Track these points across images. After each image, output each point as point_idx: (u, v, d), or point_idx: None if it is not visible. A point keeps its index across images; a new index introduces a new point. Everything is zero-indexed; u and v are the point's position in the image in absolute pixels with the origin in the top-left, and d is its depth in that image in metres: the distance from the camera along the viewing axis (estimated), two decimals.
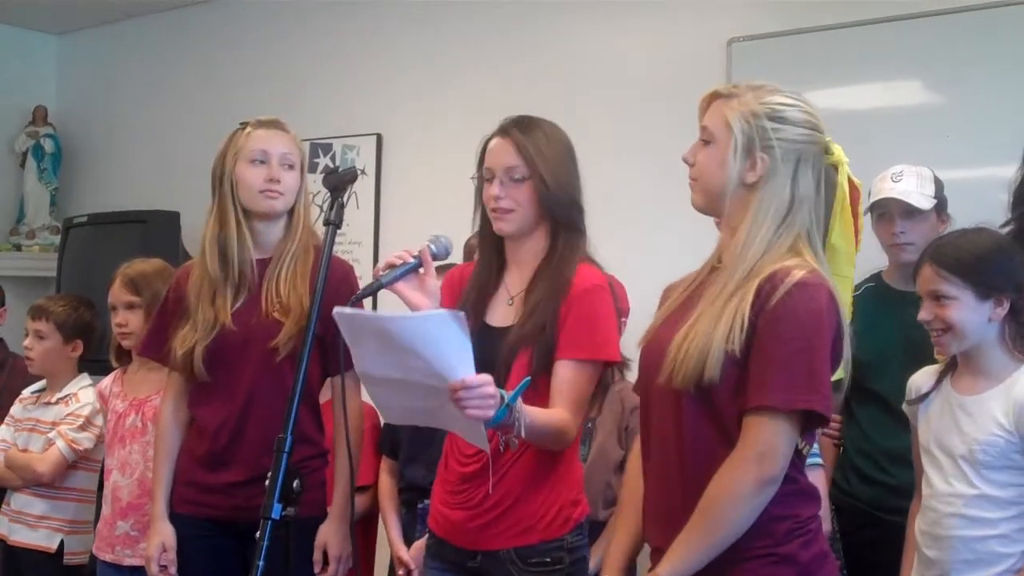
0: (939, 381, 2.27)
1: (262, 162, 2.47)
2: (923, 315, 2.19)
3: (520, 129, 2.19)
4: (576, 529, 2.18)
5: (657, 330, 1.89)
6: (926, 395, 2.28)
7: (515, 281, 2.23)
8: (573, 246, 2.19)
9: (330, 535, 2.42)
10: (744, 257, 1.77)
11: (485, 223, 2.23)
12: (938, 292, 2.16)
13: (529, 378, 1.91)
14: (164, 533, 2.50)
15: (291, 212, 2.52)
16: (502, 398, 1.82)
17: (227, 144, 2.53)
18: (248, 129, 2.52)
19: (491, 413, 1.80)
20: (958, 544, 2.14)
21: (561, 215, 2.18)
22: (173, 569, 2.48)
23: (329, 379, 2.54)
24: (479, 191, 2.24)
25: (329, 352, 2.36)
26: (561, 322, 2.11)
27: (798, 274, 1.72)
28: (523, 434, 1.89)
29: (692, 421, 1.77)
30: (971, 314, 2.15)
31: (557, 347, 2.10)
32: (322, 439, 2.55)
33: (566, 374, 2.09)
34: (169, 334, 2.54)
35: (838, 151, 1.87)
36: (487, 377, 1.80)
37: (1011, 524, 2.12)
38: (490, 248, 2.25)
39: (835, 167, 1.86)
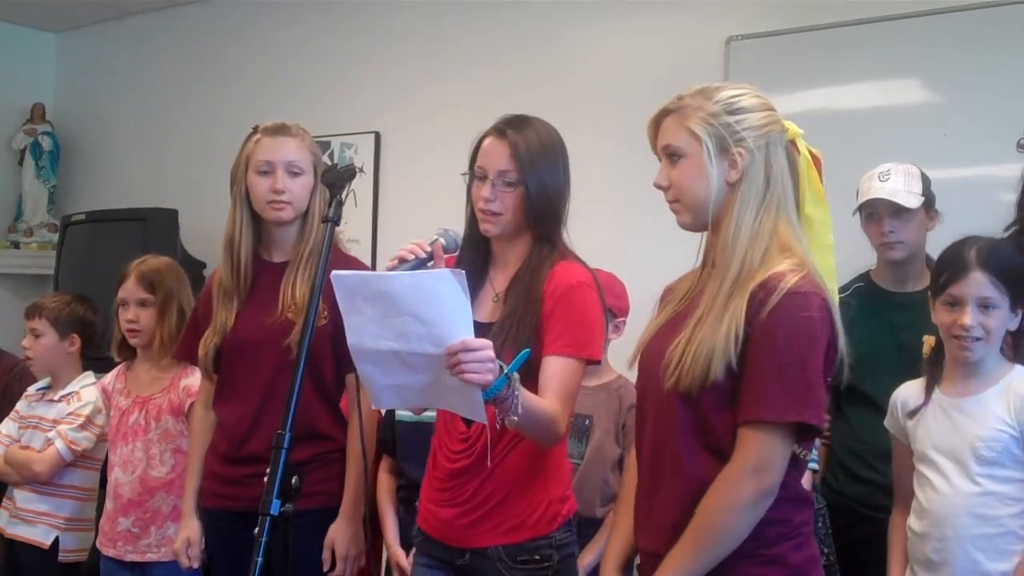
0: (929, 392, 2.30)
1: (268, 172, 2.48)
2: (969, 320, 2.18)
3: (515, 130, 2.16)
4: (564, 526, 2.18)
5: (655, 335, 1.89)
6: (917, 410, 2.30)
7: (500, 279, 2.22)
8: (548, 252, 2.18)
9: (338, 534, 2.45)
10: (733, 252, 1.77)
11: (472, 221, 2.22)
12: (989, 300, 2.18)
13: (528, 350, 1.87)
14: (191, 528, 2.60)
15: (306, 214, 2.53)
16: (501, 369, 1.78)
17: (240, 150, 2.55)
18: (257, 136, 2.53)
19: (490, 378, 1.75)
20: (966, 543, 2.16)
21: (539, 227, 2.18)
22: (196, 563, 2.58)
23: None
24: (471, 188, 2.22)
25: (343, 349, 2.37)
26: (545, 319, 2.10)
27: (791, 280, 1.71)
28: (520, 410, 1.84)
29: (682, 427, 1.77)
30: (1003, 322, 2.20)
31: (544, 343, 2.08)
32: (343, 435, 2.55)
33: (554, 369, 2.07)
34: (199, 338, 2.60)
35: (791, 126, 1.87)
36: (487, 342, 1.77)
37: (1016, 521, 2.16)
38: (475, 246, 2.23)
39: (793, 142, 1.87)
